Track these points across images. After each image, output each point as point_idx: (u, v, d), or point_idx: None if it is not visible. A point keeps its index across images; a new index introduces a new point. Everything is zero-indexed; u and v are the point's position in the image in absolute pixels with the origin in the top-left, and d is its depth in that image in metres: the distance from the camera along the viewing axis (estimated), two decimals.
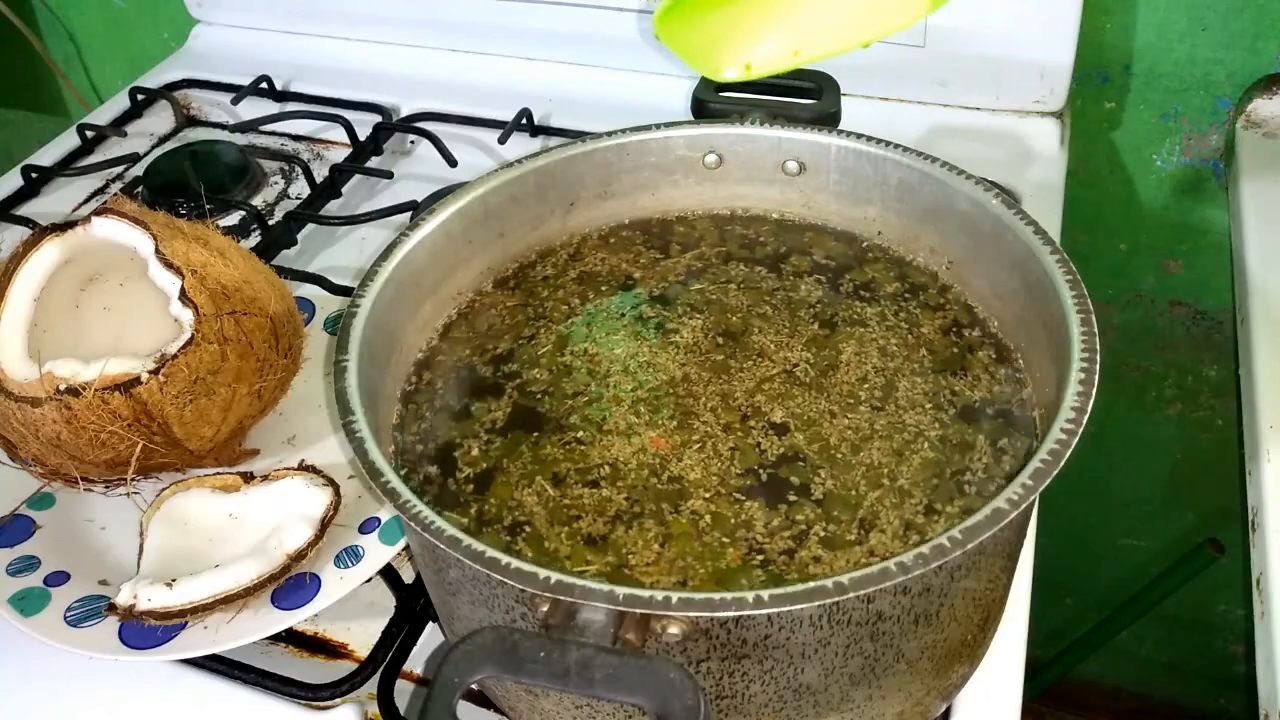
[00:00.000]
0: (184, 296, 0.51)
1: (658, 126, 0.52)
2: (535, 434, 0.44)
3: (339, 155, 0.81)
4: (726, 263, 0.52)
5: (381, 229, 0.73)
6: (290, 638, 0.51)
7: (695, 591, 0.32)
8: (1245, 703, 0.51)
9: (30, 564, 0.50)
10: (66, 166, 0.82)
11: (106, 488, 0.54)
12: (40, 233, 0.54)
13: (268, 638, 0.48)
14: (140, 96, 0.89)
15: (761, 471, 0.42)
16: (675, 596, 0.31)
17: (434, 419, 0.46)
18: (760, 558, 0.39)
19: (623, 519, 0.40)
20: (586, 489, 0.42)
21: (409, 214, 0.71)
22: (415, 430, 0.45)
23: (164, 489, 0.52)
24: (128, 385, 0.48)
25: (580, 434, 0.44)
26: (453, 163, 0.76)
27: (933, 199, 0.48)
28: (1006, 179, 0.70)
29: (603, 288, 0.51)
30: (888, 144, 0.49)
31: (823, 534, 0.39)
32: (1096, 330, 0.39)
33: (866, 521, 0.40)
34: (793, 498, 0.41)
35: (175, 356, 0.49)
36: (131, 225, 0.53)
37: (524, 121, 0.79)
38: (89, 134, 0.84)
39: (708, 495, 0.41)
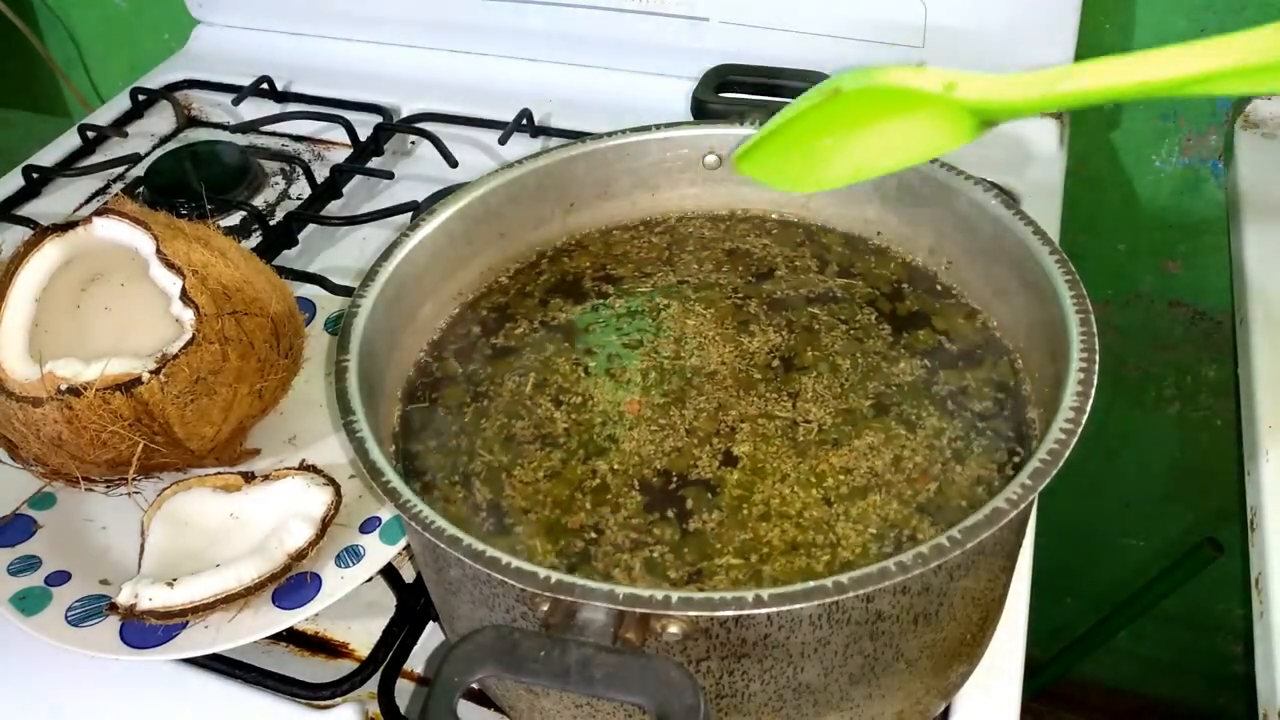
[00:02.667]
0: (185, 297, 0.51)
1: (658, 127, 0.52)
2: (535, 433, 0.44)
3: (340, 156, 0.81)
4: (726, 263, 0.52)
5: (382, 229, 0.73)
6: (291, 637, 0.51)
7: (695, 592, 0.32)
8: (1244, 702, 0.51)
9: (31, 563, 0.50)
10: (67, 167, 0.82)
11: (107, 487, 0.54)
12: (41, 233, 0.54)
13: (269, 637, 0.48)
14: (141, 97, 0.89)
15: (685, 475, 0.42)
16: (675, 596, 0.31)
17: (435, 418, 0.46)
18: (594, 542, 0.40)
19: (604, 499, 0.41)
20: (585, 482, 0.42)
21: (410, 214, 0.71)
22: (416, 430, 0.45)
23: (165, 489, 0.53)
24: (129, 385, 0.48)
25: (579, 432, 0.44)
26: (453, 163, 0.76)
27: (932, 199, 0.48)
28: (1006, 179, 0.70)
29: (603, 287, 0.51)
30: None
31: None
32: (1095, 330, 0.39)
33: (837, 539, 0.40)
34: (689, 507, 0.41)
35: (176, 356, 0.49)
36: (133, 225, 0.53)
37: (524, 122, 0.79)
38: (90, 134, 0.85)
39: (617, 467, 0.42)
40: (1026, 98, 0.31)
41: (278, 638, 0.51)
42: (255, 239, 0.73)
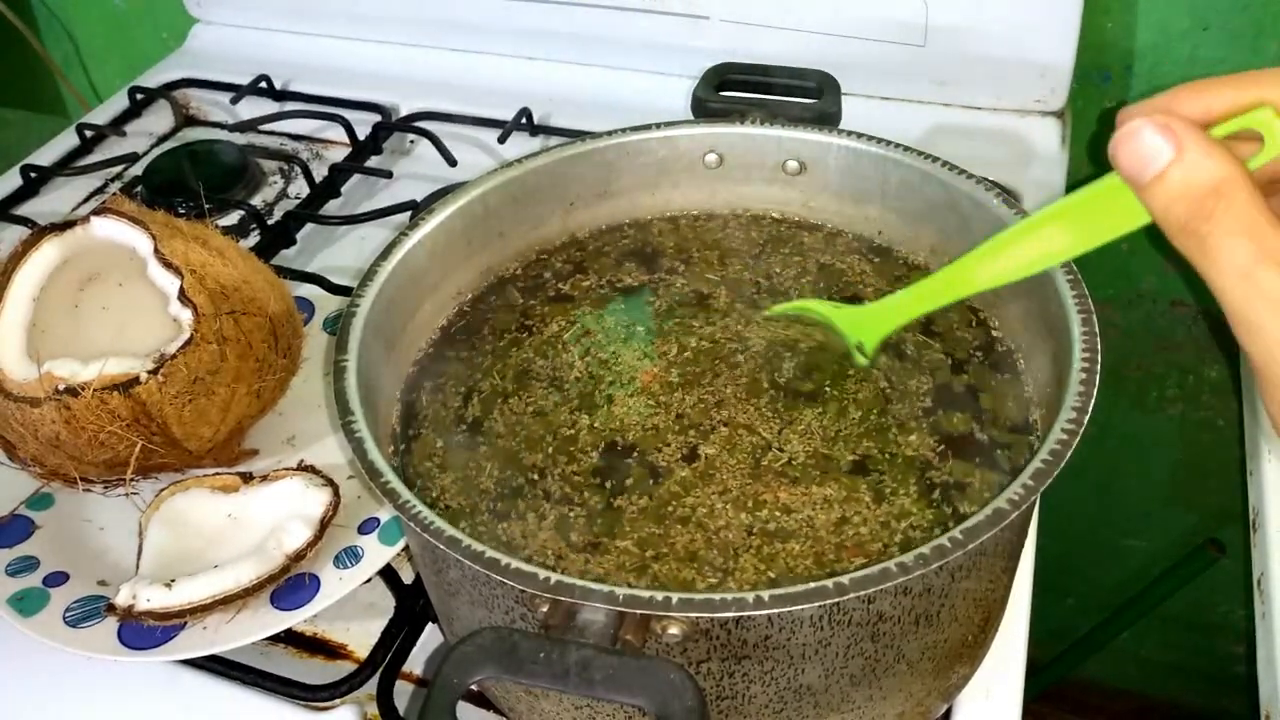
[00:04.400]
0: (183, 296, 0.50)
1: (658, 126, 0.52)
2: (535, 431, 0.44)
3: (338, 155, 0.81)
4: (727, 263, 0.52)
5: (381, 229, 0.73)
6: (289, 638, 0.51)
7: (696, 593, 0.32)
8: (1246, 703, 0.51)
9: (29, 564, 0.50)
10: (65, 166, 0.82)
11: (105, 488, 0.54)
12: (39, 232, 0.53)
13: (267, 638, 0.48)
14: (139, 96, 0.89)
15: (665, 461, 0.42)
16: (675, 597, 0.31)
17: (434, 419, 0.46)
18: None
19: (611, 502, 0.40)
20: (561, 429, 0.42)
21: (408, 213, 0.71)
22: (415, 430, 0.45)
23: (163, 489, 0.52)
24: (127, 385, 0.48)
25: (578, 432, 0.44)
26: (452, 162, 0.76)
27: (933, 199, 0.48)
28: (1007, 179, 0.69)
29: (603, 287, 0.51)
30: (888, 143, 0.49)
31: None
32: (1097, 330, 0.39)
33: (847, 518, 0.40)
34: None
35: (174, 356, 0.49)
36: (130, 225, 0.53)
37: (524, 121, 0.79)
38: (88, 134, 0.84)
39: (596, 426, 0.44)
40: (869, 315, 0.41)
41: (276, 639, 0.50)
42: (253, 238, 0.73)
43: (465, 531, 0.34)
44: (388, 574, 0.50)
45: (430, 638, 0.50)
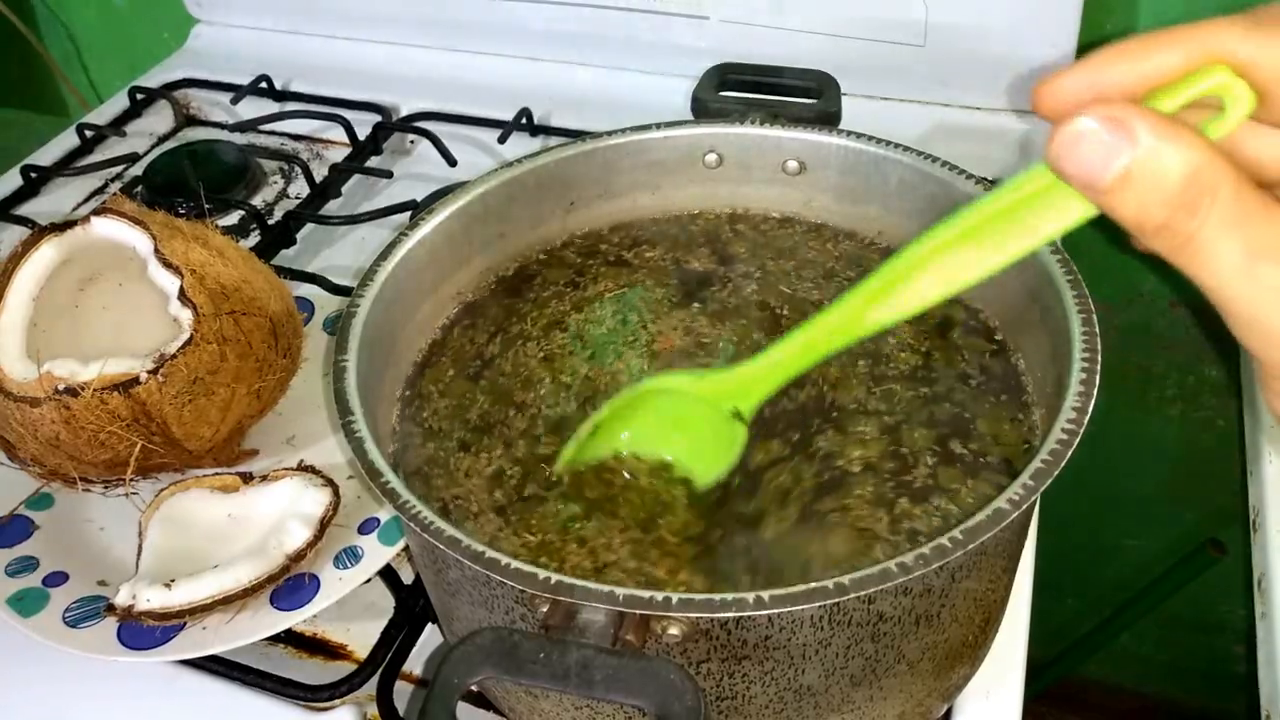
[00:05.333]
0: (183, 296, 0.50)
1: (658, 126, 0.52)
2: (538, 431, 0.44)
3: (338, 155, 0.81)
4: (726, 263, 0.52)
5: (381, 229, 0.73)
6: (289, 638, 0.51)
7: (696, 593, 0.32)
8: (1246, 703, 0.51)
9: (29, 564, 0.50)
10: (66, 166, 0.82)
11: (105, 488, 0.54)
12: (39, 232, 0.53)
13: (267, 638, 0.48)
14: (140, 96, 0.89)
15: None
16: (675, 597, 0.31)
17: (434, 419, 0.46)
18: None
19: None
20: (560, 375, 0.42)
21: (408, 214, 0.71)
22: (415, 430, 0.45)
23: (163, 489, 0.52)
24: (126, 385, 0.48)
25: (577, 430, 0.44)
26: (452, 162, 0.76)
27: (933, 198, 0.48)
28: (1007, 178, 0.69)
29: (603, 287, 0.51)
30: (888, 143, 0.49)
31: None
32: (1098, 330, 0.38)
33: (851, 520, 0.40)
34: None
35: (174, 356, 0.49)
36: (131, 225, 0.53)
37: (524, 121, 0.79)
38: (88, 134, 0.84)
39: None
40: (741, 379, 0.38)
41: (276, 639, 0.50)
42: (254, 238, 0.73)
43: (465, 531, 0.34)
44: (387, 574, 0.50)
45: (430, 638, 0.50)
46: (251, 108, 0.85)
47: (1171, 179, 0.23)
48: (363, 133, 0.81)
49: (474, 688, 0.30)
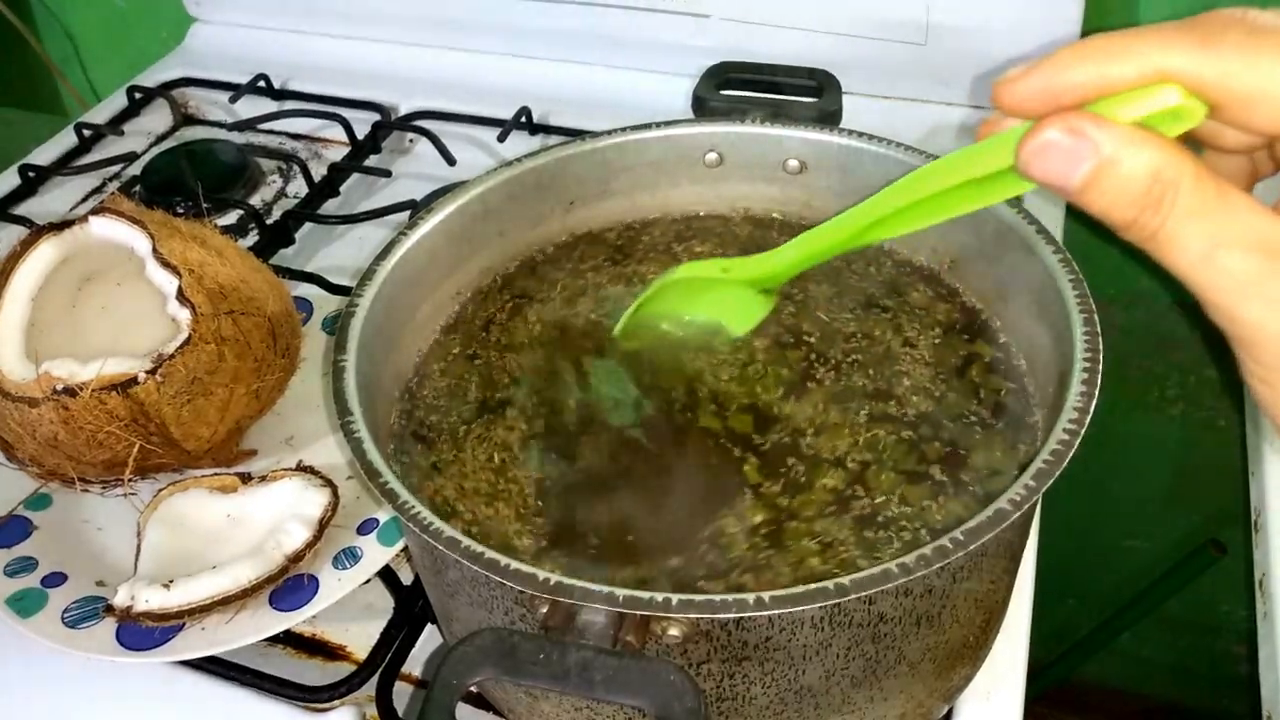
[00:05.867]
0: (181, 296, 0.50)
1: (658, 125, 0.52)
2: (537, 430, 0.44)
3: (337, 154, 0.81)
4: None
5: (380, 228, 0.73)
6: (288, 639, 0.51)
7: (696, 594, 0.32)
8: (1247, 703, 0.51)
9: (27, 565, 0.50)
10: (64, 166, 0.82)
11: (104, 488, 0.54)
12: (37, 232, 0.53)
13: (266, 639, 0.48)
14: (138, 95, 0.89)
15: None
16: (675, 598, 0.31)
17: (434, 419, 0.46)
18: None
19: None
20: (583, 480, 0.42)
21: (407, 213, 0.71)
22: (414, 430, 0.45)
23: (161, 489, 0.52)
24: (125, 385, 0.48)
25: (578, 430, 0.44)
26: (451, 161, 0.76)
27: None
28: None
29: (603, 287, 0.51)
30: (889, 142, 0.49)
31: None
32: (1099, 330, 0.38)
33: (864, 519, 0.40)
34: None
35: (172, 356, 0.49)
36: (129, 224, 0.53)
37: (523, 120, 0.79)
38: (86, 133, 0.84)
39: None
40: (776, 268, 0.41)
41: (275, 640, 0.50)
42: (252, 238, 0.72)
43: (462, 530, 0.34)
44: (387, 575, 0.50)
45: (429, 639, 0.50)
46: (250, 107, 0.85)
47: (1134, 182, 0.25)
48: (361, 132, 0.81)
49: (473, 689, 0.30)
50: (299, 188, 0.79)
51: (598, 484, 0.42)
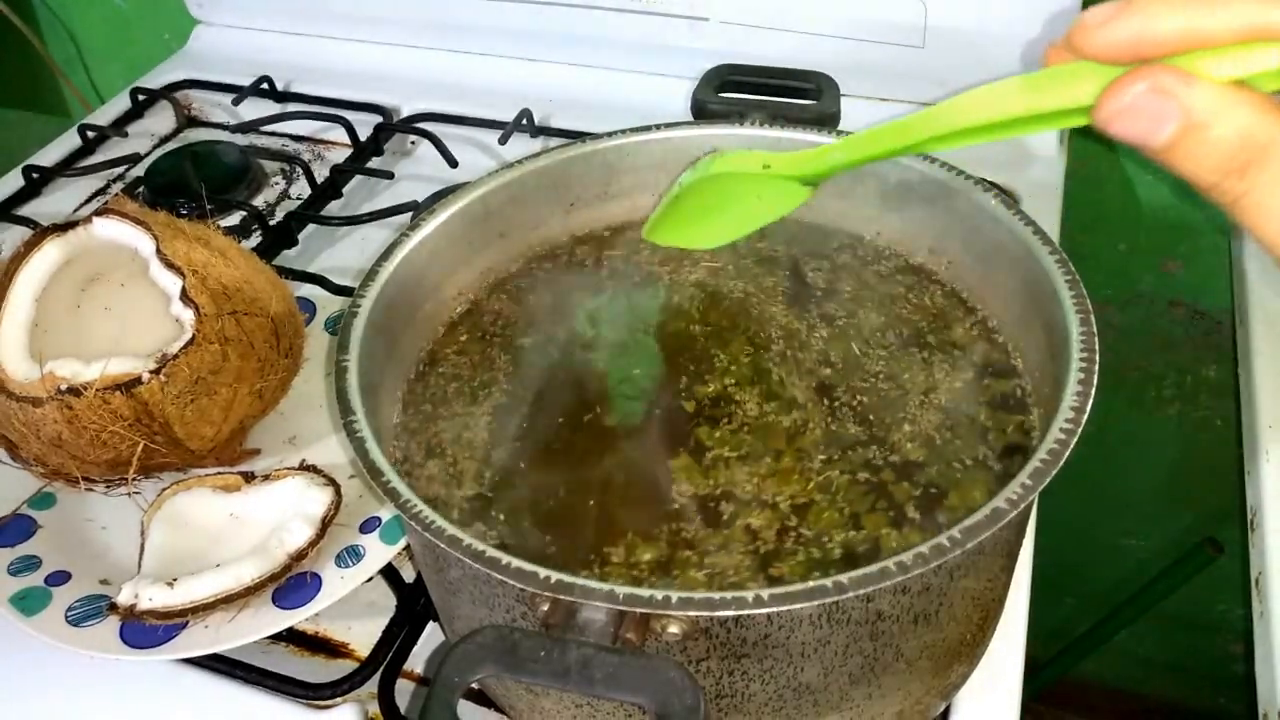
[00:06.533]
0: (185, 296, 0.51)
1: (658, 127, 0.52)
2: (537, 431, 0.44)
3: (340, 156, 0.81)
4: (727, 263, 0.52)
5: (382, 229, 0.73)
6: (291, 637, 0.51)
7: (695, 591, 0.32)
8: (1244, 702, 0.51)
9: (31, 563, 0.50)
10: (67, 167, 0.82)
11: (107, 487, 0.54)
12: (41, 233, 0.54)
13: (269, 637, 0.48)
14: (141, 97, 0.89)
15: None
16: (675, 596, 0.31)
17: (436, 418, 0.46)
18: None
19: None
20: (585, 483, 0.42)
21: (409, 214, 0.71)
22: (417, 429, 0.45)
23: (165, 489, 0.53)
24: (129, 385, 0.48)
25: (579, 431, 0.44)
26: (453, 163, 0.76)
27: (932, 199, 0.48)
28: (1006, 179, 0.70)
29: (603, 287, 0.51)
30: None
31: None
32: (1095, 330, 0.39)
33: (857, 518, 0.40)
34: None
35: (176, 356, 0.49)
36: (133, 225, 0.53)
37: (524, 122, 0.79)
38: (90, 134, 0.84)
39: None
40: (824, 166, 0.39)
41: (278, 638, 0.51)
42: (255, 239, 0.73)
43: (461, 525, 0.34)
44: (389, 573, 0.51)
45: (431, 636, 0.50)
46: (253, 108, 0.85)
47: (1222, 145, 0.23)
48: (364, 133, 0.81)
49: (475, 686, 0.30)
50: (302, 189, 0.79)
51: (597, 482, 0.42)
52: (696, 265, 0.52)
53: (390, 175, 0.77)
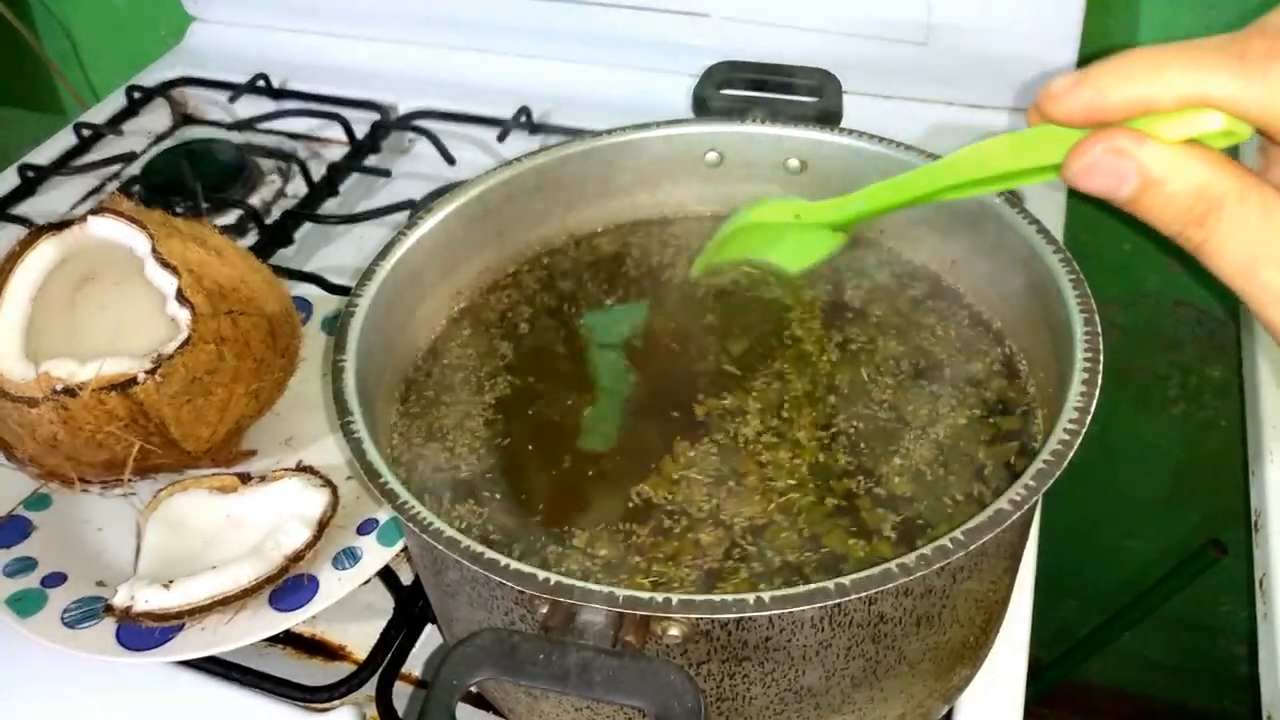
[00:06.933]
0: (180, 296, 0.50)
1: (658, 124, 0.52)
2: (536, 431, 0.44)
3: (336, 153, 0.81)
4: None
5: (379, 228, 0.73)
6: (288, 639, 0.51)
7: (696, 594, 0.32)
8: (1248, 704, 0.51)
9: (27, 565, 0.50)
10: (63, 165, 0.82)
11: (103, 488, 0.54)
12: (36, 232, 0.53)
13: (265, 639, 0.48)
14: (137, 95, 0.89)
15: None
16: (675, 598, 0.31)
17: (433, 419, 0.46)
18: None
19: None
20: (583, 481, 0.42)
21: (407, 213, 0.71)
22: (414, 430, 0.45)
23: (161, 490, 0.52)
24: (124, 385, 0.48)
25: (578, 431, 0.44)
26: (451, 161, 0.76)
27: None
28: None
29: (603, 287, 0.51)
30: (889, 142, 0.49)
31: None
32: (1100, 330, 0.38)
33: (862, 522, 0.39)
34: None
35: (172, 356, 0.49)
36: (128, 224, 0.53)
37: (523, 119, 0.79)
38: (85, 133, 0.84)
39: None
40: (846, 215, 0.40)
41: (275, 640, 0.50)
42: (251, 238, 0.72)
43: (459, 526, 0.34)
44: (386, 575, 0.50)
45: (429, 639, 0.50)
46: (249, 106, 0.85)
47: (1179, 199, 0.26)
48: (361, 131, 0.80)
49: (473, 689, 0.30)
50: (298, 187, 0.78)
51: (597, 480, 0.42)
52: (692, 265, 0.52)
53: (387, 173, 0.77)
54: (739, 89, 0.55)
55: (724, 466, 0.42)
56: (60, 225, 0.53)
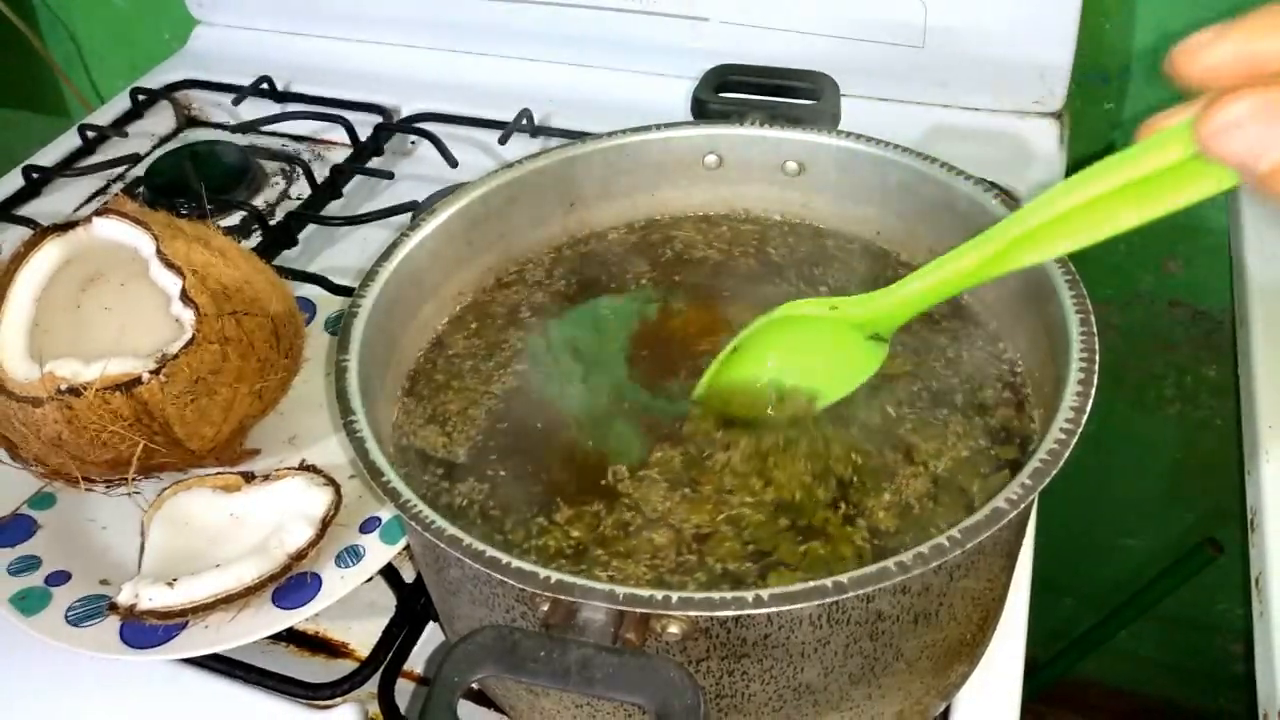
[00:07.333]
0: (185, 297, 0.51)
1: (658, 127, 0.52)
2: (536, 431, 0.44)
3: (340, 156, 0.81)
4: (727, 263, 0.52)
5: (382, 229, 0.73)
6: (291, 637, 0.51)
7: (696, 591, 0.32)
8: (1244, 702, 0.51)
9: (31, 563, 0.50)
10: (67, 167, 0.82)
11: (107, 487, 0.54)
12: (41, 233, 0.54)
13: (268, 637, 0.48)
14: (141, 97, 0.89)
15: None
16: (675, 596, 0.31)
17: (435, 418, 0.46)
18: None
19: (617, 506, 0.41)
20: (584, 482, 0.42)
21: (409, 214, 0.71)
22: (416, 429, 0.45)
23: (165, 489, 0.53)
24: (129, 385, 0.48)
25: (578, 431, 0.44)
26: (453, 163, 0.76)
27: (932, 199, 0.48)
28: (1006, 179, 0.69)
29: (603, 288, 0.51)
30: (887, 144, 0.49)
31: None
32: (1095, 330, 0.39)
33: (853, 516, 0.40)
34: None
35: (176, 356, 0.49)
36: (132, 225, 0.53)
37: (524, 122, 0.79)
38: (90, 134, 0.84)
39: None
40: (879, 310, 0.38)
41: (278, 638, 0.51)
42: (255, 239, 0.73)
43: (465, 528, 0.34)
44: (389, 573, 0.51)
45: (431, 636, 0.50)
46: (253, 108, 0.85)
47: None
48: (364, 133, 0.81)
49: (475, 686, 0.30)
50: (302, 189, 0.79)
51: (597, 479, 0.42)
52: (691, 266, 0.52)
53: (390, 175, 0.77)
54: (738, 92, 0.56)
55: (685, 474, 0.42)
56: (65, 226, 0.54)
